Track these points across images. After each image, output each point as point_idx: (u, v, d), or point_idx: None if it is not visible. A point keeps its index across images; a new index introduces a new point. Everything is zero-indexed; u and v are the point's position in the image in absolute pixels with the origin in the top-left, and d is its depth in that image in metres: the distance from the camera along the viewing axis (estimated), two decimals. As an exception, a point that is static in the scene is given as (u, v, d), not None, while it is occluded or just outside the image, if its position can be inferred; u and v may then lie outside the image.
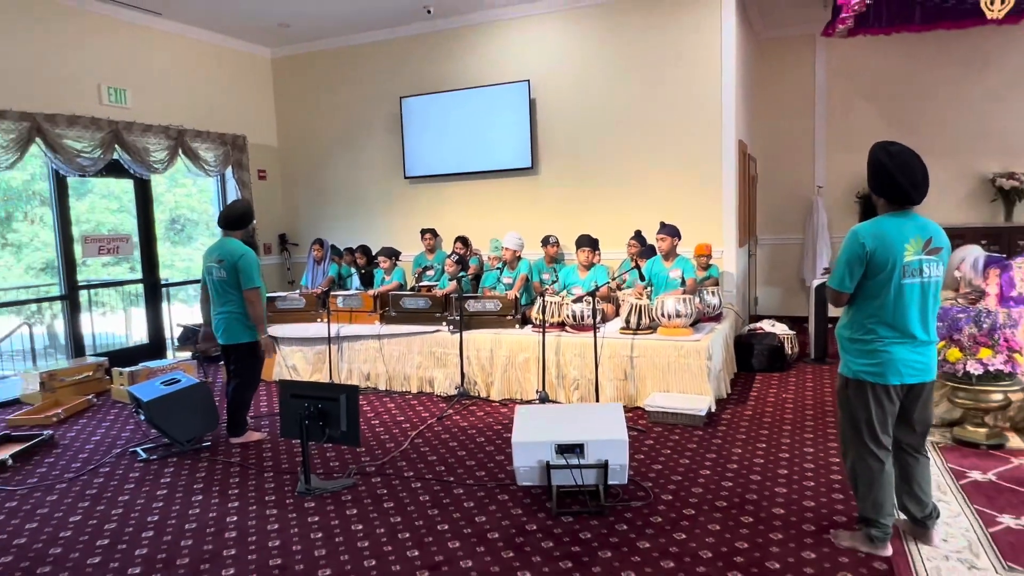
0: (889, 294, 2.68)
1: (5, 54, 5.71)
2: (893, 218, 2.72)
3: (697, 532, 3.17)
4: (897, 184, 2.65)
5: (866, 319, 2.77)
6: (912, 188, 2.64)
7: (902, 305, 2.68)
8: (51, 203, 6.38)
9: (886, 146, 2.72)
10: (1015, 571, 2.71)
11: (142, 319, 7.35)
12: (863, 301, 2.78)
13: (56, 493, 3.94)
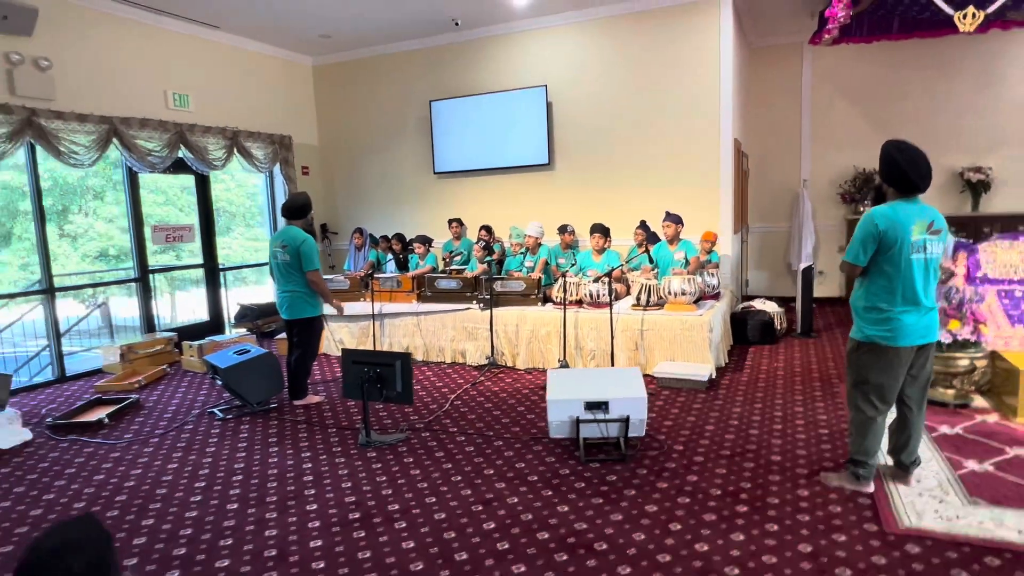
0: (899, 268, 2.85)
1: (87, 65, 5.84)
2: (902, 203, 2.89)
3: (706, 475, 3.39)
4: (906, 176, 2.83)
5: (880, 290, 2.93)
6: (919, 179, 2.83)
7: (910, 277, 2.86)
8: (125, 196, 6.52)
9: (897, 144, 2.89)
10: (977, 503, 2.94)
11: (203, 299, 7.53)
12: (877, 275, 2.93)
13: (151, 446, 4.18)
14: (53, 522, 3.16)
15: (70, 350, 6.80)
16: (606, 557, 2.62)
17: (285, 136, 7.95)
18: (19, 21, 5.16)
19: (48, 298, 5.84)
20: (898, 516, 2.84)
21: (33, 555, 1.42)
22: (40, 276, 5.83)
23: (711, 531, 2.80)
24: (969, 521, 2.77)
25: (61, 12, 5.63)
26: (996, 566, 2.45)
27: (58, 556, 1.41)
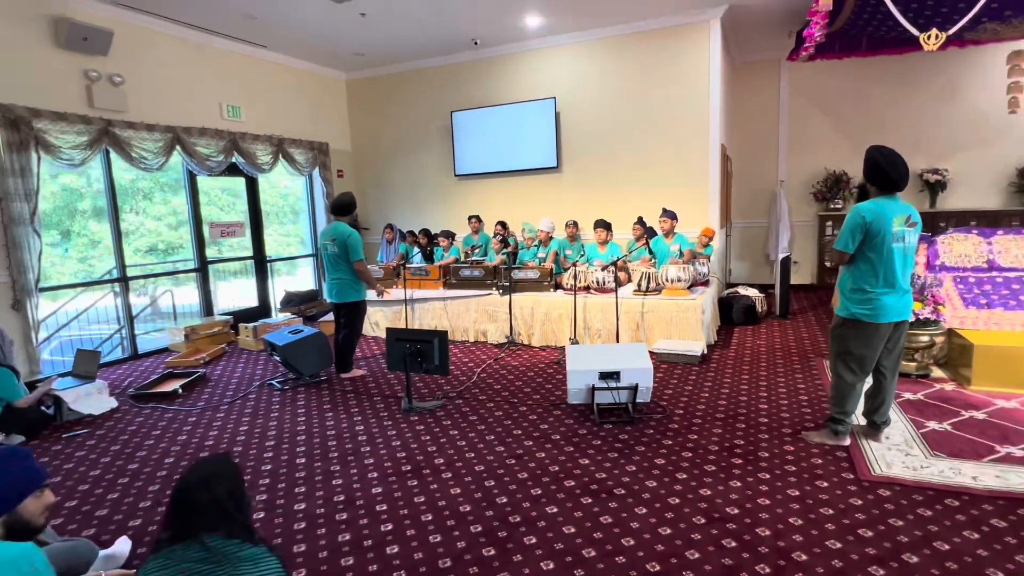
0: (881, 255, 2.97)
1: (153, 81, 5.93)
2: (884, 200, 3.01)
3: (705, 434, 3.53)
4: (887, 176, 2.96)
5: (865, 274, 3.04)
6: (898, 179, 2.96)
7: (891, 263, 2.98)
8: (186, 197, 6.62)
9: (880, 149, 3.01)
10: (938, 456, 3.09)
11: (252, 287, 7.65)
12: (862, 261, 3.04)
13: (222, 412, 4.32)
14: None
15: (138, 332, 6.93)
16: (624, 500, 2.78)
17: (323, 143, 8.02)
18: (97, 42, 5.27)
19: (122, 286, 5.98)
20: (871, 466, 3.00)
21: (185, 483, 1.58)
22: (115, 266, 5.96)
23: (712, 479, 2.96)
24: (931, 470, 2.93)
25: (131, 34, 5.72)
26: (955, 506, 2.61)
27: (205, 484, 1.57)
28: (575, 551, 2.39)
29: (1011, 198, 7.38)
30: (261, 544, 1.58)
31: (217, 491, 1.56)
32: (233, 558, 1.50)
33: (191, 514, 1.53)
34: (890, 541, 2.36)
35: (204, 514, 1.53)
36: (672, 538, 2.45)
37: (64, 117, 5.12)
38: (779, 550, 2.33)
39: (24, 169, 4.86)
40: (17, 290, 4.89)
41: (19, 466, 1.71)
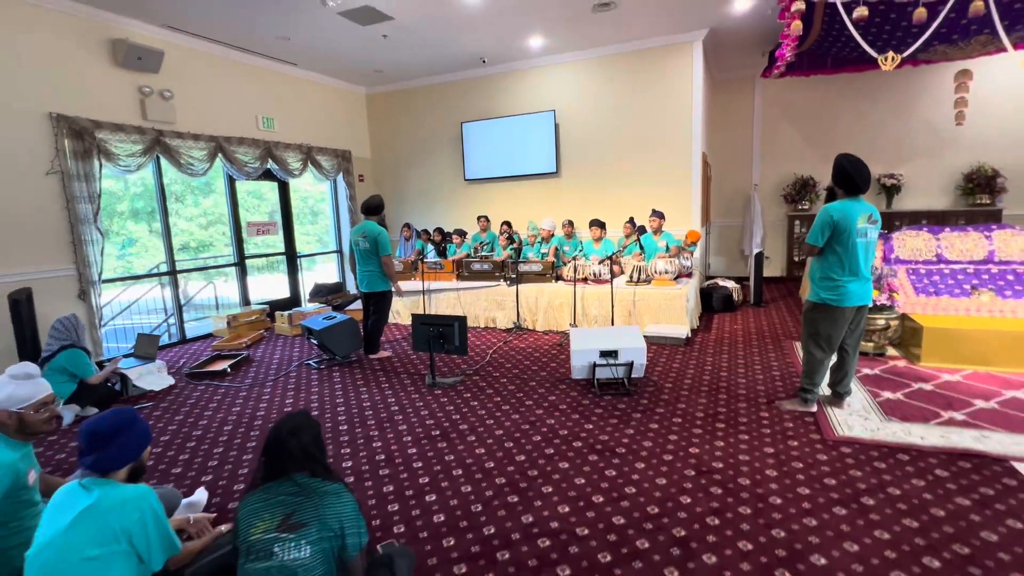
0: (847, 249, 3.13)
1: (198, 95, 6.03)
2: (850, 201, 3.16)
3: (691, 403, 3.70)
4: (853, 180, 3.12)
5: (833, 265, 3.19)
6: (863, 183, 3.12)
7: (855, 255, 3.14)
8: (226, 199, 6.73)
9: (847, 156, 3.17)
10: (891, 420, 3.28)
11: (284, 280, 7.77)
12: (830, 254, 3.20)
13: (268, 388, 4.46)
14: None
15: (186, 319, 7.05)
16: (625, 457, 2.96)
17: (346, 150, 8.13)
18: (150, 61, 5.38)
19: (172, 279, 6.11)
20: (835, 428, 3.19)
21: (277, 433, 1.75)
22: (164, 260, 6.09)
23: (699, 440, 3.14)
24: (886, 432, 3.12)
25: (179, 53, 5.83)
26: (905, 460, 2.80)
27: (293, 433, 1.74)
28: (586, 497, 2.57)
29: (957, 200, 7.56)
30: (339, 482, 1.75)
31: (303, 439, 1.74)
32: (319, 492, 1.68)
33: (282, 457, 1.70)
34: (850, 488, 2.56)
35: (293, 457, 1.71)
36: (667, 487, 2.64)
37: (122, 128, 5.24)
38: (757, 495, 2.52)
39: (88, 174, 4.98)
40: (83, 282, 5.02)
41: (141, 425, 1.87)
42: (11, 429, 2.01)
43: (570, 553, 2.17)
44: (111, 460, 1.79)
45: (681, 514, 2.40)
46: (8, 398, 1.98)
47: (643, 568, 2.06)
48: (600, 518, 2.39)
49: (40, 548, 1.70)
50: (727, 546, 2.17)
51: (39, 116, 4.72)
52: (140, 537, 1.74)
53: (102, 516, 1.70)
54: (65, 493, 1.78)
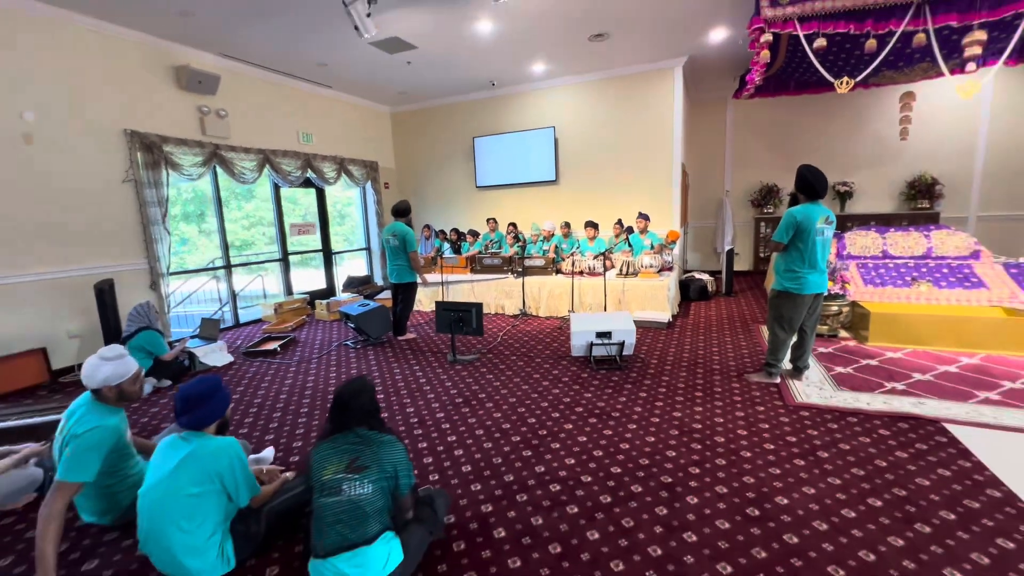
0: (807, 245, 3.22)
1: (248, 113, 6.09)
2: (811, 205, 3.24)
3: (674, 376, 3.80)
4: (813, 187, 3.20)
5: (795, 259, 3.29)
6: (822, 189, 3.20)
7: (814, 251, 3.23)
8: (272, 203, 6.83)
9: (808, 167, 3.24)
10: (842, 389, 3.38)
11: (321, 273, 7.87)
12: (793, 250, 3.29)
13: (314, 364, 4.57)
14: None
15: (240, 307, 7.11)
16: (619, 420, 3.08)
17: (373, 161, 8.18)
18: (208, 85, 5.46)
19: (227, 272, 6.21)
20: (795, 396, 3.30)
21: (342, 393, 1.86)
22: (221, 256, 6.19)
23: (681, 406, 3.25)
24: (838, 399, 3.23)
25: (232, 77, 5.90)
26: (854, 422, 2.92)
27: (355, 394, 1.86)
28: (588, 452, 2.69)
29: (901, 204, 7.63)
30: (392, 434, 1.87)
31: (363, 399, 1.86)
32: (376, 441, 1.80)
33: (347, 413, 1.82)
34: (808, 443, 2.68)
35: (355, 413, 1.83)
36: (655, 444, 2.76)
37: (185, 142, 5.32)
38: (731, 450, 2.64)
39: (157, 182, 5.07)
40: (153, 274, 5.13)
41: (224, 389, 1.99)
42: (111, 399, 2.13)
43: (576, 496, 2.29)
44: (204, 417, 1.91)
45: (667, 465, 2.52)
46: (110, 375, 2.10)
47: (637, 507, 2.19)
48: (600, 468, 2.52)
49: (151, 487, 1.83)
50: (706, 490, 2.29)
51: (116, 132, 4.81)
52: (229, 478, 1.87)
53: (200, 461, 1.83)
54: (168, 444, 1.91)
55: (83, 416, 2.02)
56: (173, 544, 1.78)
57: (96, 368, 2.07)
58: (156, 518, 1.79)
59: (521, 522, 2.12)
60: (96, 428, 1.97)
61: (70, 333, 4.50)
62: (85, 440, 1.93)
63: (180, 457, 1.83)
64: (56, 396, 3.96)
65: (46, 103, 4.31)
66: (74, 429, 1.97)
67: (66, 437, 1.96)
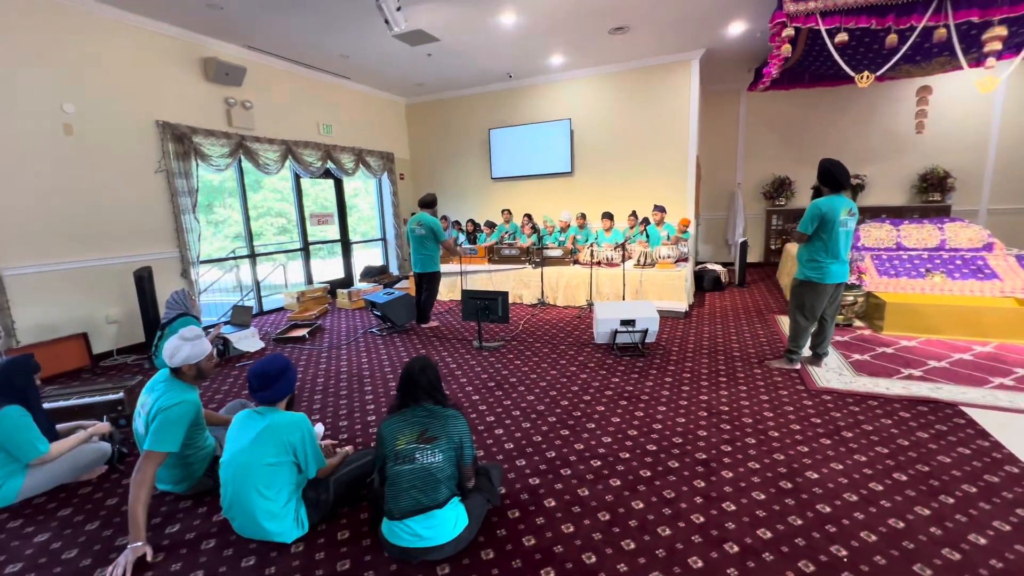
0: (831, 236, 3.31)
1: (271, 105, 6.18)
2: (834, 197, 3.34)
3: (696, 363, 3.93)
4: (836, 179, 3.30)
5: (818, 249, 3.38)
6: (844, 181, 3.30)
7: (837, 242, 3.33)
8: (293, 194, 6.96)
9: (830, 160, 3.34)
10: (861, 375, 3.51)
11: (339, 263, 7.99)
12: (816, 240, 3.38)
13: (344, 350, 4.69)
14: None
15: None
16: (649, 403, 3.22)
17: (389, 152, 8.24)
18: (235, 76, 5.55)
19: (251, 260, 6.34)
20: (816, 381, 3.43)
21: (410, 371, 1.99)
22: (245, 246, 6.31)
23: (707, 390, 3.39)
24: (857, 384, 3.36)
25: (257, 70, 5.98)
26: (874, 405, 3.05)
27: (422, 371, 1.99)
28: (622, 432, 2.83)
29: (912, 197, 7.71)
30: (455, 408, 2.01)
31: (429, 375, 1.99)
32: (443, 415, 1.94)
33: (415, 388, 1.96)
34: (832, 424, 2.82)
35: (423, 388, 1.96)
36: (686, 424, 2.90)
37: (212, 133, 5.43)
38: (759, 430, 2.78)
39: (187, 172, 5.19)
40: (184, 262, 5.26)
41: (292, 367, 2.13)
42: (189, 377, 2.27)
43: (617, 470, 2.44)
44: (277, 393, 2.06)
45: (700, 443, 2.66)
46: (190, 355, 2.24)
47: (676, 480, 2.33)
48: (636, 447, 2.66)
49: (232, 456, 1.97)
50: (739, 465, 2.43)
51: (148, 123, 4.92)
52: (301, 450, 2.01)
53: (275, 433, 1.97)
54: (245, 417, 2.05)
55: (166, 392, 2.16)
56: (255, 509, 1.93)
57: (178, 348, 2.21)
58: (239, 485, 1.94)
59: (569, 493, 2.26)
60: (181, 402, 2.12)
61: (108, 319, 4.65)
62: (172, 413, 2.07)
63: (258, 430, 1.98)
64: (99, 379, 4.12)
65: (82, 95, 4.41)
66: (160, 403, 2.11)
67: (152, 411, 2.11)
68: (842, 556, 1.81)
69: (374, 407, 3.33)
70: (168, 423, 2.06)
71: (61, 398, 3.12)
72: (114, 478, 2.58)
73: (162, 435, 2.04)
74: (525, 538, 1.98)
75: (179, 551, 2.00)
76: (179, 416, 2.09)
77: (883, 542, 1.87)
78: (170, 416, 2.07)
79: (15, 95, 4.00)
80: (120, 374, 4.24)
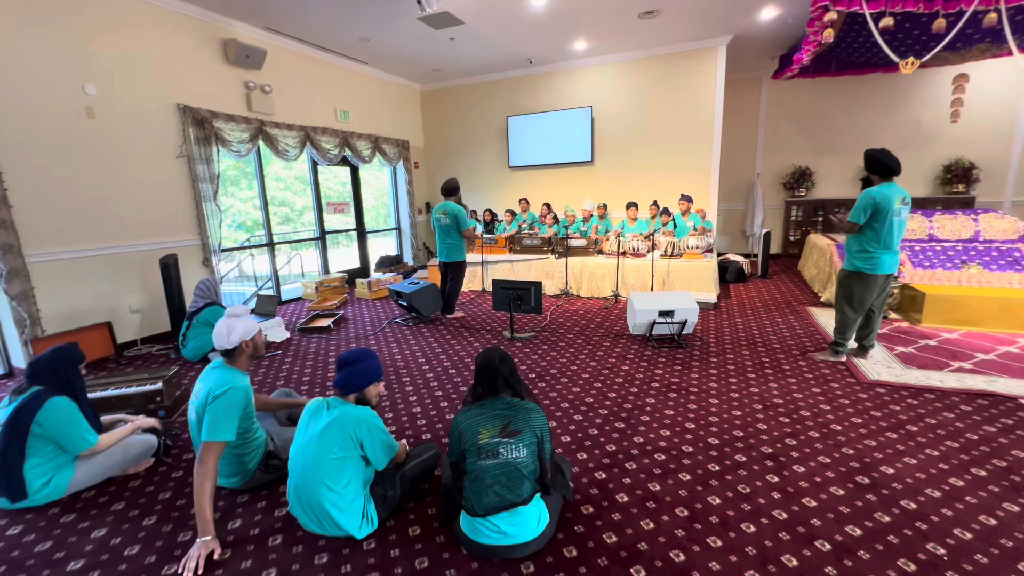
0: (884, 226, 3.24)
1: (290, 90, 6.03)
2: (887, 186, 3.26)
3: (737, 355, 3.86)
4: (888, 166, 3.22)
5: (870, 239, 3.30)
6: (896, 167, 3.22)
7: (890, 232, 3.25)
8: (311, 182, 6.81)
9: (876, 150, 3.27)
10: (911, 368, 3.45)
11: (355, 251, 7.87)
12: (868, 230, 3.30)
13: (373, 340, 4.62)
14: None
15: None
16: (699, 395, 3.15)
17: (404, 140, 8.09)
18: (255, 59, 5.40)
19: (270, 249, 6.22)
20: (866, 374, 3.37)
21: (487, 362, 1.91)
22: (264, 234, 6.20)
23: (755, 382, 3.33)
24: (909, 377, 3.30)
25: (276, 53, 5.83)
26: (932, 398, 2.99)
27: (503, 360, 1.91)
28: (680, 425, 2.77)
29: (936, 188, 7.63)
30: (535, 401, 1.94)
31: (506, 367, 1.91)
32: (524, 408, 1.86)
33: (495, 380, 1.88)
34: (894, 418, 2.76)
35: (504, 380, 1.89)
36: (744, 417, 2.83)
37: (233, 118, 5.29)
38: (820, 423, 2.72)
39: (208, 158, 5.06)
40: (206, 250, 5.15)
41: (370, 362, 2.05)
42: (245, 355, 2.19)
43: (684, 464, 2.38)
44: (359, 380, 1.99)
45: (763, 436, 2.60)
46: (245, 331, 2.16)
47: (748, 475, 2.27)
48: (698, 440, 2.60)
49: (302, 447, 1.90)
50: (809, 460, 2.37)
51: (169, 107, 4.78)
52: (368, 443, 1.94)
53: (343, 427, 1.90)
54: (314, 410, 1.98)
55: (218, 379, 2.08)
56: (324, 501, 1.86)
57: (231, 328, 2.13)
58: (308, 477, 1.87)
59: (639, 488, 2.20)
60: (232, 388, 2.04)
61: (132, 308, 4.55)
62: (224, 400, 2.00)
63: (326, 422, 1.90)
64: (128, 368, 4.03)
65: (104, 77, 4.27)
66: (213, 391, 2.03)
67: (205, 400, 2.03)
68: (941, 555, 1.75)
69: (416, 399, 3.26)
70: (222, 410, 1.98)
71: (98, 388, 3.03)
72: (162, 471, 2.50)
73: (218, 423, 1.96)
74: (605, 535, 1.91)
75: (246, 547, 1.93)
76: (232, 403, 2.02)
77: (979, 540, 1.82)
78: (223, 403, 1.99)
79: (37, 76, 3.86)
80: (146, 364, 4.15)
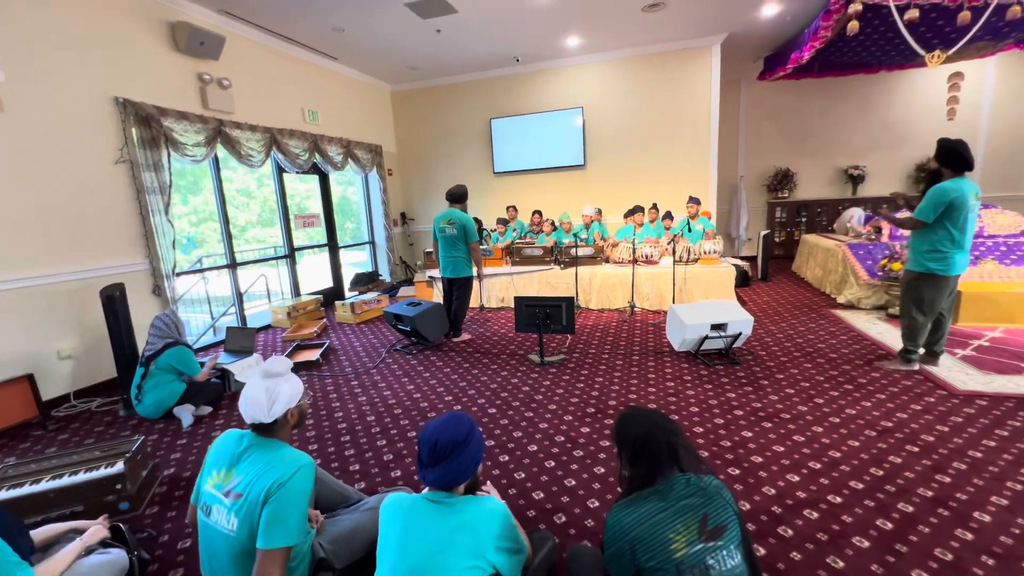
0: (958, 224, 3.00)
1: (251, 86, 5.22)
2: (960, 180, 3.02)
3: (800, 369, 3.49)
4: (963, 158, 2.98)
5: (942, 238, 3.05)
6: (971, 160, 2.99)
7: (965, 230, 3.02)
8: (276, 193, 5.92)
9: (950, 140, 3.02)
10: (988, 373, 3.21)
11: (327, 269, 7.03)
12: (939, 228, 3.05)
13: (376, 375, 3.89)
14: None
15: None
16: (797, 423, 2.72)
17: (377, 145, 7.37)
18: (212, 47, 4.56)
19: (232, 271, 5.32)
20: (953, 384, 3.10)
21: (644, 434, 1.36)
22: (225, 253, 5.29)
23: (845, 402, 2.94)
24: (997, 384, 3.04)
25: (235, 41, 4.98)
26: (1040, 408, 2.74)
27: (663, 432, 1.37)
28: (803, 464, 2.32)
29: (911, 187, 7.87)
30: (712, 473, 1.40)
31: (676, 437, 1.36)
32: (711, 488, 1.32)
33: (671, 453, 1.33)
34: (1009, 430, 2.45)
35: (674, 456, 1.34)
36: (866, 448, 2.43)
37: (186, 116, 4.41)
38: (953, 451, 2.37)
39: (157, 164, 4.16)
40: (157, 276, 4.23)
41: (471, 432, 1.42)
42: (289, 427, 1.53)
43: (847, 523, 1.92)
44: (462, 467, 1.37)
45: (908, 475, 2.20)
46: (293, 393, 1.51)
47: (932, 532, 1.85)
48: (837, 485, 2.15)
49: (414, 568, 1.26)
50: (984, 503, 1.99)
51: (104, 99, 3.86)
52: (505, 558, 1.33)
53: (476, 533, 1.30)
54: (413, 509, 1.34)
55: (268, 458, 1.40)
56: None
57: (272, 392, 1.46)
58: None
59: (821, 567, 1.71)
60: (300, 468, 1.40)
61: (62, 354, 3.58)
62: (294, 487, 1.34)
63: (449, 528, 1.28)
64: (59, 437, 3.10)
65: (15, 60, 3.34)
66: (272, 475, 1.36)
67: (255, 491, 1.34)
68: None
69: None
70: (290, 503, 1.33)
71: (25, 480, 2.17)
72: (142, 602, 1.74)
73: (286, 520, 1.32)
74: None
75: None
76: (303, 489, 1.37)
77: None
78: (293, 490, 1.33)
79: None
80: (87, 428, 3.23)
